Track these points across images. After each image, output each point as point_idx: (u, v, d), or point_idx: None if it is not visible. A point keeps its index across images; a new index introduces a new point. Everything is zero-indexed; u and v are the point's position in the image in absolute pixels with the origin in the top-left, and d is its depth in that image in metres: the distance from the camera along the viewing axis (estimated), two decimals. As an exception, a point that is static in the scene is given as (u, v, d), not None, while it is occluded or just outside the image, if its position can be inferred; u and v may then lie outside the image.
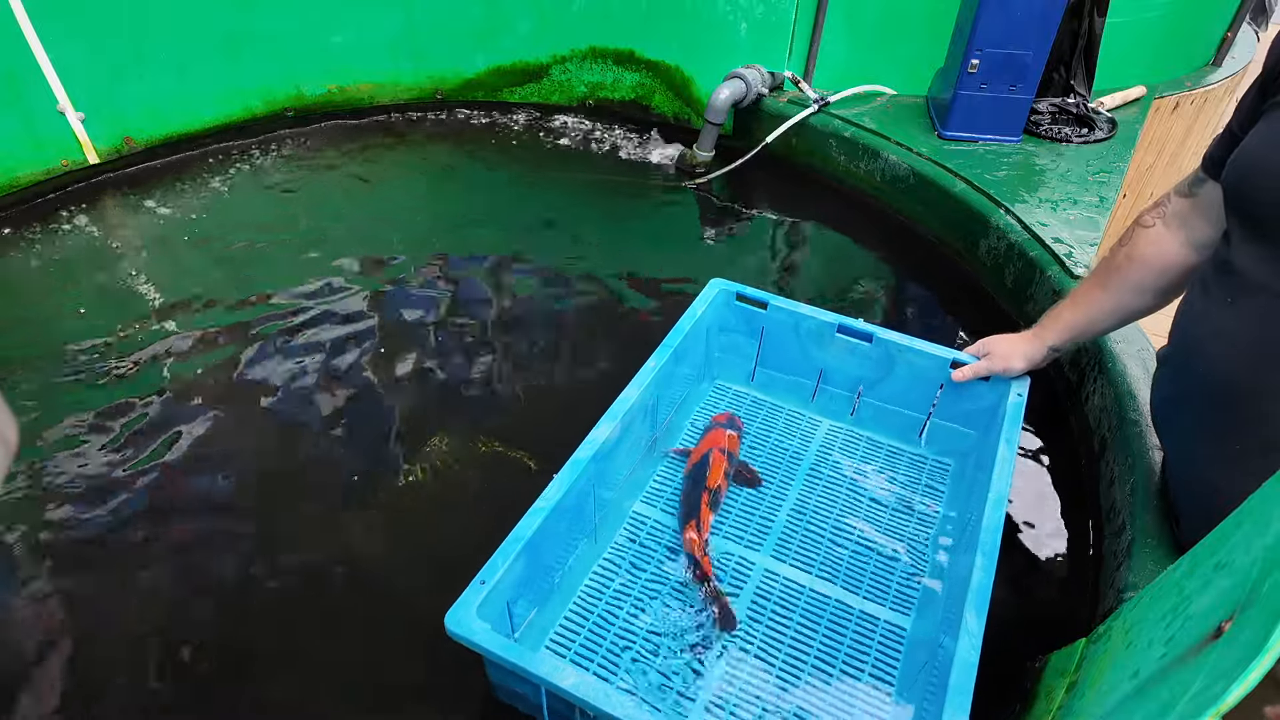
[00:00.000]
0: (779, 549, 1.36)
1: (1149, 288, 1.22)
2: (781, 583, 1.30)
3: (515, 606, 1.11)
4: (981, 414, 1.47)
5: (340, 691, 1.18)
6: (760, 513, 1.42)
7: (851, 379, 1.59)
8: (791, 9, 2.71)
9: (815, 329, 1.56)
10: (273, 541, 1.40)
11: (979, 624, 1.00)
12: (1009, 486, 1.20)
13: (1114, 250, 1.26)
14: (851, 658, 1.20)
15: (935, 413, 1.53)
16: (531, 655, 0.95)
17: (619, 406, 1.31)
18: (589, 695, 0.91)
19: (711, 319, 1.62)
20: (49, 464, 1.53)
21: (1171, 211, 1.18)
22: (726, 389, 1.71)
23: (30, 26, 2.30)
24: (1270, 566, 0.57)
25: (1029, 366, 1.39)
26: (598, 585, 1.28)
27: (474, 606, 0.99)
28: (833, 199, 2.65)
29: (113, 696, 1.16)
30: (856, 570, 1.33)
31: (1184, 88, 3.02)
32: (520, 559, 1.08)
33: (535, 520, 1.11)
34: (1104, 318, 1.30)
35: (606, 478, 1.31)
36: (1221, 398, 1.00)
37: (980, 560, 1.07)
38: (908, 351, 1.49)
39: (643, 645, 1.20)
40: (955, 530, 1.38)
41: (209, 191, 2.58)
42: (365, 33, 2.98)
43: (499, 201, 2.59)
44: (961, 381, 1.44)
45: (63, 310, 1.98)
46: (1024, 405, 1.35)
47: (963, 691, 0.92)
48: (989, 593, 1.03)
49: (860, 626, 1.24)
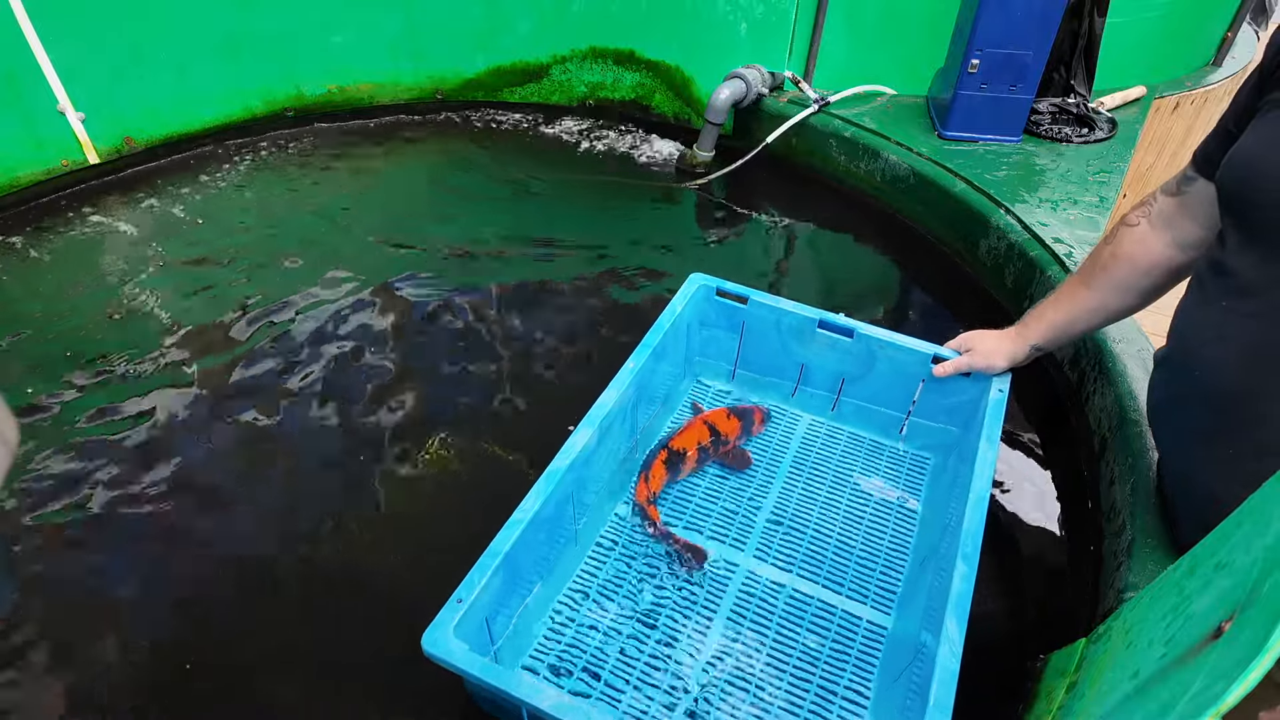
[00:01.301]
0: (760, 549, 1.36)
1: (1133, 287, 1.21)
2: (764, 585, 1.30)
3: (494, 621, 1.10)
4: (963, 409, 1.47)
5: (339, 692, 1.18)
6: (742, 512, 1.43)
7: (832, 375, 1.59)
8: (791, 9, 2.71)
9: (796, 324, 1.56)
10: (267, 543, 1.40)
11: (960, 631, 0.98)
12: (989, 485, 1.20)
13: (1099, 249, 1.26)
14: (834, 658, 1.20)
15: (916, 408, 1.53)
16: (510, 675, 0.93)
17: (596, 412, 1.30)
18: (568, 715, 0.89)
19: (691, 315, 1.61)
20: (47, 464, 1.53)
21: (1157, 211, 1.17)
22: (707, 386, 1.71)
23: (30, 26, 2.30)
24: (1270, 566, 0.57)
25: (1011, 365, 1.39)
26: (579, 591, 1.28)
27: (450, 626, 0.97)
28: (833, 199, 2.65)
29: (106, 699, 1.16)
30: (838, 569, 1.33)
31: (1184, 88, 3.02)
32: (498, 574, 1.05)
33: (512, 533, 1.09)
34: (1087, 316, 1.29)
35: (586, 484, 1.29)
36: (1216, 401, 1.00)
37: (961, 567, 1.06)
38: (889, 347, 1.49)
39: (624, 651, 1.19)
40: (936, 528, 1.38)
41: (209, 192, 2.58)
42: (365, 33, 2.98)
43: (499, 202, 2.59)
44: (943, 376, 1.44)
45: (62, 310, 1.98)
46: (1005, 402, 1.35)
47: (944, 708, 0.91)
48: (969, 599, 1.02)
49: (843, 626, 1.24)
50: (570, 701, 0.91)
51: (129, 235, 2.32)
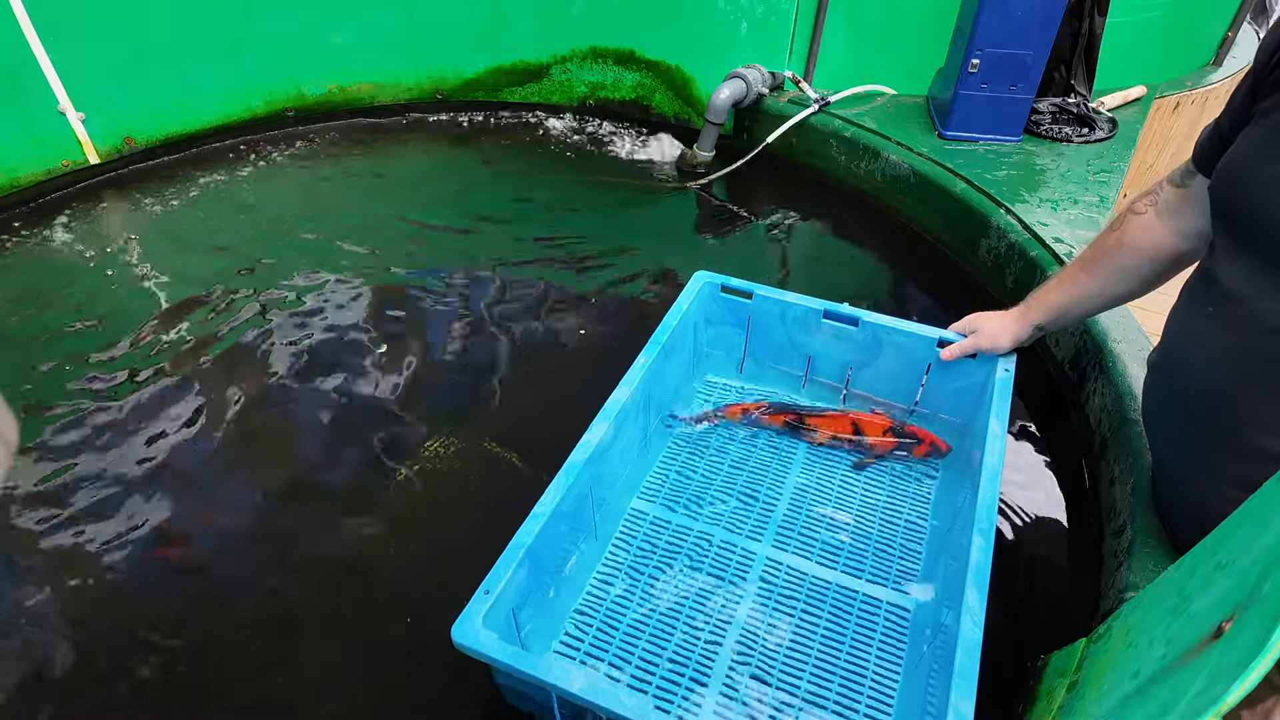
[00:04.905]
0: (779, 539, 1.37)
1: (1136, 274, 1.23)
2: (785, 571, 1.31)
3: (520, 613, 1.11)
4: (970, 391, 1.48)
5: (340, 694, 1.18)
6: (759, 504, 1.44)
7: (839, 364, 1.60)
8: (792, 9, 2.71)
9: (801, 316, 1.57)
10: (269, 541, 1.40)
11: (981, 601, 1.00)
12: (1002, 462, 1.21)
13: (1105, 234, 1.27)
14: (858, 639, 1.21)
15: (924, 392, 1.54)
16: (539, 661, 0.95)
17: (611, 406, 1.32)
18: (599, 698, 0.91)
19: (698, 312, 1.62)
20: (47, 463, 1.53)
21: (1163, 200, 1.18)
22: (715, 383, 1.71)
23: (30, 26, 2.30)
24: (1270, 566, 0.57)
25: (1015, 345, 1.41)
26: (602, 583, 1.29)
27: (479, 617, 0.99)
28: (833, 199, 2.65)
29: (109, 700, 1.16)
30: (857, 554, 1.34)
31: (1184, 87, 3.02)
32: (523, 566, 1.08)
33: (535, 526, 1.11)
34: (1089, 300, 1.31)
35: (603, 478, 1.31)
36: (1202, 405, 1.01)
37: (978, 539, 1.08)
38: (894, 333, 1.51)
39: (650, 638, 1.20)
40: (950, 509, 1.39)
41: (209, 192, 2.58)
42: (365, 33, 2.99)
43: (499, 202, 2.59)
44: (949, 360, 1.46)
45: (62, 310, 1.98)
46: (1012, 380, 1.37)
47: (968, 676, 0.92)
48: (989, 569, 1.04)
49: (864, 609, 1.26)
50: (602, 684, 0.92)
51: (129, 236, 2.32)
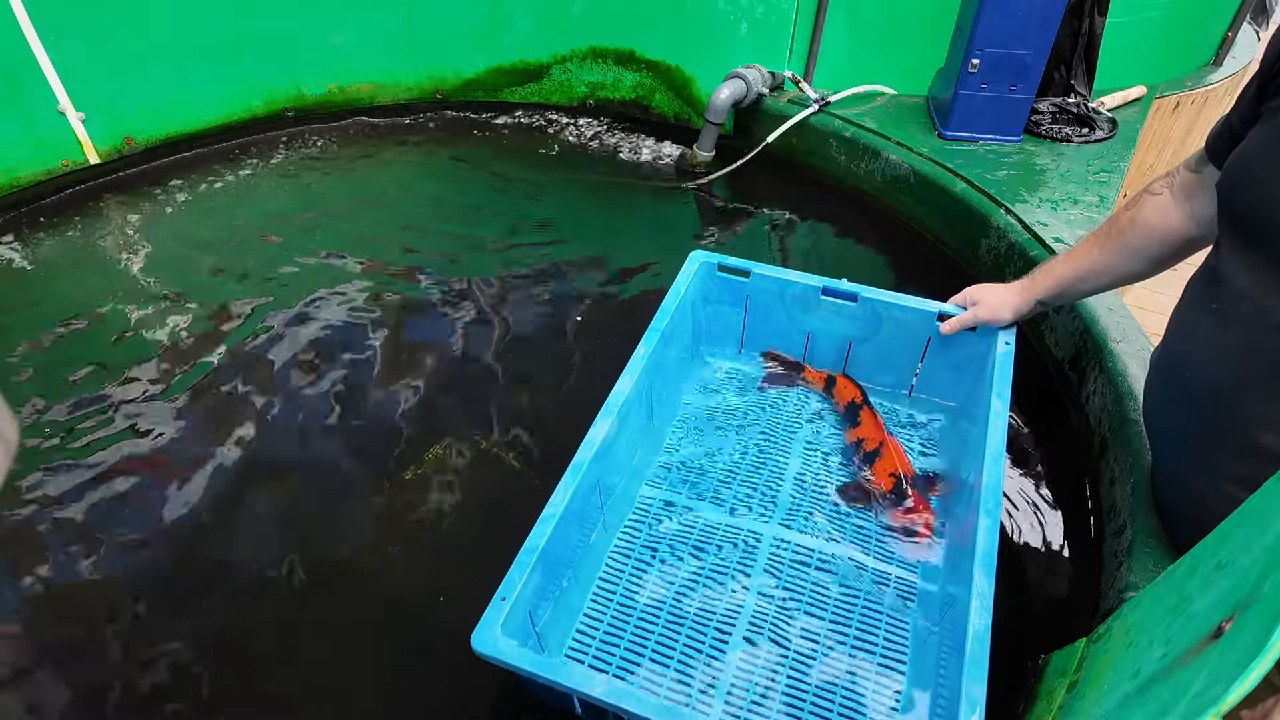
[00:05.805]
0: (786, 519, 1.38)
1: (1147, 254, 1.23)
2: (792, 549, 1.32)
3: (535, 612, 1.12)
4: (970, 364, 1.47)
5: (345, 696, 1.18)
6: (763, 484, 1.44)
7: (839, 342, 1.60)
8: (792, 9, 2.71)
9: (800, 293, 1.57)
10: (270, 541, 1.40)
11: (989, 585, 1.00)
12: (1004, 440, 1.21)
13: (1118, 214, 1.27)
14: (865, 620, 1.21)
15: (924, 366, 1.53)
16: (561, 667, 0.96)
17: (614, 400, 1.32)
18: (622, 700, 0.93)
19: (695, 293, 1.62)
20: (48, 463, 1.53)
21: (1179, 183, 1.19)
22: (715, 364, 1.71)
23: (30, 26, 2.30)
24: (1270, 566, 0.57)
25: (1016, 319, 1.41)
26: (612, 575, 1.30)
27: (498, 624, 0.99)
28: (833, 199, 2.65)
29: (109, 700, 1.16)
30: (862, 532, 1.35)
31: (1184, 87, 3.02)
32: (536, 570, 1.08)
33: (546, 528, 1.11)
34: (1097, 276, 1.31)
35: (610, 471, 1.32)
36: (1203, 403, 1.01)
37: (984, 521, 1.07)
38: (893, 308, 1.51)
39: (663, 630, 1.21)
40: (952, 485, 1.39)
41: (209, 192, 2.58)
42: (365, 33, 2.98)
43: (499, 202, 2.59)
44: (950, 333, 1.45)
45: (62, 310, 1.98)
46: (1013, 355, 1.37)
47: (979, 663, 0.92)
48: (995, 552, 1.04)
49: (872, 588, 1.26)
50: (622, 687, 0.94)
51: (129, 236, 2.32)
